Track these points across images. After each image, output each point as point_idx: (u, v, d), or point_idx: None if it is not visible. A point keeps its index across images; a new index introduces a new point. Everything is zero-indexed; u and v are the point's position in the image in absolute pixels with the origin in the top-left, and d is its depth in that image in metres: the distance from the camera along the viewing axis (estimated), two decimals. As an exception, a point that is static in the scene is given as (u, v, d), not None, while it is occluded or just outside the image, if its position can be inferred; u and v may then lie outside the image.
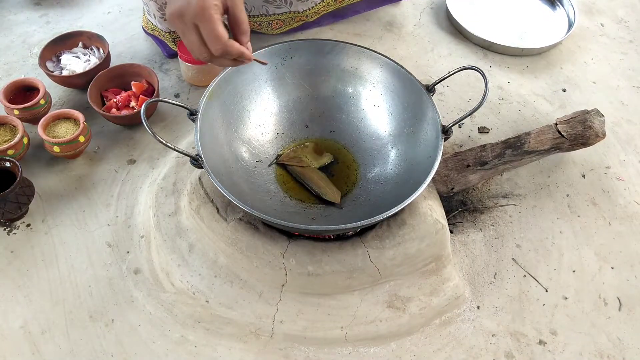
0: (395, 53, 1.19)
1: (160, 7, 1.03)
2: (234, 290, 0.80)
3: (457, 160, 0.92)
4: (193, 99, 1.09)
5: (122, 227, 0.90)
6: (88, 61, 1.08)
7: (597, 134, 0.91)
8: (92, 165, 0.98)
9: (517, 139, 0.93)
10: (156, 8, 1.04)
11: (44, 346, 0.78)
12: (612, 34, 1.28)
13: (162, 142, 0.71)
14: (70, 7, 1.30)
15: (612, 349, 0.80)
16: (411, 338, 0.80)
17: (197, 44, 0.61)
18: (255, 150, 0.89)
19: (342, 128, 0.93)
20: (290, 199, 0.86)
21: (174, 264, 0.82)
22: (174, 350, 0.78)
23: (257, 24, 1.13)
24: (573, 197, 0.97)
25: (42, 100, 0.98)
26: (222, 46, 0.61)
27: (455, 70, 0.80)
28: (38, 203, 0.92)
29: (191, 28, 0.60)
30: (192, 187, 0.85)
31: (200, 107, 0.79)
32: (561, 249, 0.90)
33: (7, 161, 0.86)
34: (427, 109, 0.82)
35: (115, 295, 0.83)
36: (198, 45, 0.61)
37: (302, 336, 0.79)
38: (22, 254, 0.87)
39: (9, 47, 1.20)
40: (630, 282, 0.87)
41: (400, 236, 0.80)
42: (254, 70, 0.88)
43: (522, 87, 1.15)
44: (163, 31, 1.10)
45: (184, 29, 0.61)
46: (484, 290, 0.85)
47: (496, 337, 0.81)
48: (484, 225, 0.93)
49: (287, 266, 0.78)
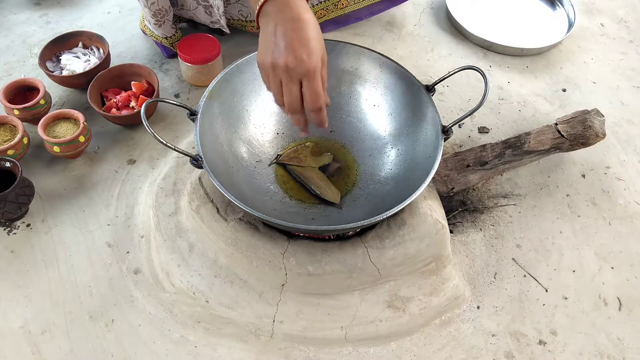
0: (395, 53, 1.19)
1: (154, 13, 1.03)
2: (234, 290, 0.80)
3: (457, 160, 0.92)
4: (193, 99, 1.09)
5: (122, 227, 0.90)
6: (88, 61, 1.08)
7: (597, 134, 0.91)
8: (92, 165, 0.98)
9: (517, 139, 0.93)
10: (150, 15, 1.03)
11: (44, 346, 0.78)
12: (612, 34, 1.28)
13: (162, 142, 0.71)
14: (70, 7, 1.30)
15: (612, 349, 0.80)
16: (411, 338, 0.80)
17: (295, 96, 0.64)
18: (255, 150, 0.89)
19: (342, 128, 0.93)
20: (290, 199, 0.86)
21: (174, 264, 0.82)
22: (174, 350, 0.78)
23: (237, 21, 1.13)
24: (573, 197, 0.97)
25: (42, 100, 0.98)
26: (320, 104, 0.64)
27: (455, 70, 0.80)
28: (38, 203, 0.92)
29: (296, 83, 0.63)
30: (192, 187, 0.85)
31: (200, 107, 0.79)
32: (561, 249, 0.91)
33: (7, 161, 0.86)
34: (427, 109, 0.82)
35: (115, 295, 0.83)
36: (296, 97, 0.65)
37: (302, 336, 0.79)
38: (22, 254, 0.87)
39: (9, 47, 1.20)
40: (630, 282, 0.87)
41: (400, 236, 0.80)
42: (253, 70, 0.88)
43: (522, 87, 1.15)
44: (160, 37, 1.10)
45: (287, 81, 0.64)
46: (484, 290, 0.85)
47: (496, 337, 0.81)
48: (484, 225, 0.93)
49: (287, 266, 0.78)
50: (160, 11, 1.02)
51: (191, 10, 1.08)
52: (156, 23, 1.05)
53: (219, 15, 1.06)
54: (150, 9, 1.01)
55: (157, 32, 1.09)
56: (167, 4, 1.02)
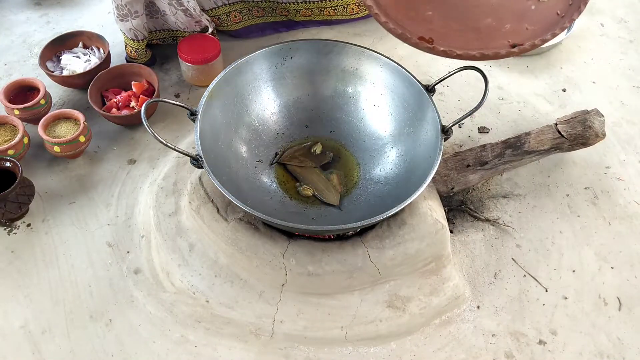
0: (395, 53, 1.19)
1: (117, 6, 0.97)
2: (234, 290, 0.80)
3: (457, 160, 0.92)
4: (193, 99, 1.09)
5: (123, 227, 0.90)
6: (88, 61, 1.08)
7: (597, 134, 0.91)
8: (92, 165, 0.98)
9: (517, 139, 0.93)
10: (115, 5, 0.98)
11: (44, 346, 0.78)
12: (612, 33, 1.28)
13: (163, 142, 0.71)
14: (70, 7, 1.30)
15: (612, 348, 0.80)
16: (411, 338, 0.80)
17: None
18: (256, 150, 0.90)
19: (342, 128, 0.93)
20: (290, 199, 0.86)
21: (174, 263, 0.82)
22: (174, 349, 0.78)
23: (216, 17, 1.12)
24: (573, 197, 0.97)
25: (42, 100, 0.98)
26: None
27: (456, 70, 0.80)
28: (38, 203, 0.92)
29: None
30: (193, 187, 0.85)
31: (200, 107, 0.79)
32: (561, 248, 0.91)
33: (7, 161, 0.86)
34: (427, 109, 0.82)
35: (115, 295, 0.83)
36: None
37: (302, 336, 0.79)
38: (23, 253, 0.87)
39: (10, 47, 1.20)
40: (630, 282, 0.87)
41: (400, 236, 0.80)
42: (254, 70, 0.88)
43: (522, 87, 1.15)
44: (126, 36, 1.05)
45: None
46: (483, 290, 0.85)
47: (496, 337, 0.81)
48: (484, 225, 0.93)
49: (287, 266, 0.78)
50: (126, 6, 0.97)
51: (173, 16, 1.05)
52: (118, 15, 1.00)
53: (199, 13, 1.04)
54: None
55: (120, 26, 1.03)
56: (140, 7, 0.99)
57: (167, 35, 1.13)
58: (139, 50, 1.07)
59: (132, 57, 1.08)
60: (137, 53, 1.07)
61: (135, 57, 1.08)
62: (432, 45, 0.70)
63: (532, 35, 0.70)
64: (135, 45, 1.06)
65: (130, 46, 1.06)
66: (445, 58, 0.70)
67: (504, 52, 0.69)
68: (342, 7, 1.16)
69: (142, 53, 1.08)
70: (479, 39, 0.70)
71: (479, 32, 0.71)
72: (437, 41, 0.70)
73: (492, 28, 0.71)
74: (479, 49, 0.69)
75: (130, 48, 1.07)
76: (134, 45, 1.06)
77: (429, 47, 0.70)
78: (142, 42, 1.06)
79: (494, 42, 0.70)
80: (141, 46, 1.06)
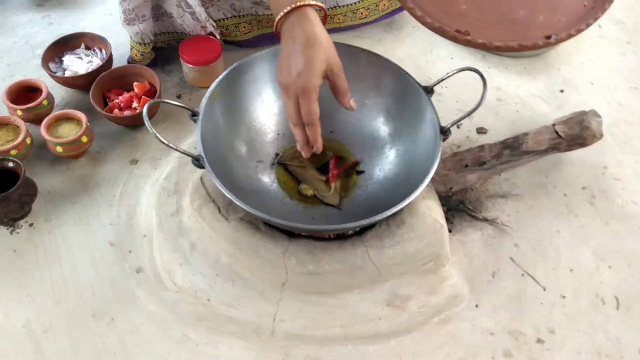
0: (395, 54, 1.20)
1: (124, 10, 0.98)
2: (235, 289, 0.81)
3: (455, 161, 0.93)
4: (195, 99, 1.10)
5: (125, 227, 0.91)
6: (90, 62, 1.08)
7: (595, 135, 0.91)
8: (94, 165, 0.99)
9: (515, 140, 0.93)
10: (122, 10, 0.99)
11: (46, 345, 0.78)
12: (609, 35, 1.29)
13: (164, 142, 0.72)
14: (72, 8, 1.31)
15: (610, 347, 0.81)
16: (410, 336, 0.81)
17: (293, 110, 0.75)
18: (256, 151, 0.90)
19: (342, 128, 0.94)
20: (290, 199, 0.87)
21: (176, 263, 0.83)
22: (175, 348, 0.78)
23: (224, 28, 1.12)
24: (571, 197, 0.98)
25: (44, 100, 0.99)
26: (312, 120, 0.74)
27: (454, 71, 0.81)
28: (41, 203, 0.93)
29: (293, 98, 0.73)
30: (194, 187, 0.85)
31: (201, 107, 0.80)
32: (559, 248, 0.91)
33: (10, 161, 0.87)
34: (426, 110, 0.83)
35: (117, 294, 0.83)
36: (293, 111, 0.75)
37: (303, 334, 0.79)
38: (25, 253, 0.87)
39: (12, 48, 1.21)
40: (628, 281, 0.88)
41: (400, 235, 0.80)
42: (254, 71, 0.89)
43: (520, 88, 1.15)
44: (132, 38, 1.05)
45: (286, 96, 0.75)
46: (482, 289, 0.86)
47: (495, 336, 0.81)
48: (482, 224, 0.93)
49: (288, 265, 0.79)
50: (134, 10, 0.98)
51: (179, 18, 1.05)
52: (125, 20, 1.00)
53: (205, 19, 1.05)
54: (121, 4, 0.98)
55: (127, 30, 1.03)
56: (147, 11, 1.00)
57: (171, 38, 1.14)
58: (145, 53, 1.08)
59: (136, 60, 1.09)
60: (142, 56, 1.08)
61: (140, 60, 1.09)
62: (469, 38, 0.71)
63: (566, 26, 0.71)
64: (141, 48, 1.06)
65: (136, 49, 1.07)
66: (483, 50, 0.71)
67: (541, 42, 0.70)
68: (351, 12, 1.16)
69: (147, 56, 1.09)
70: (515, 31, 0.72)
71: (514, 24, 0.72)
72: (473, 33, 0.71)
73: (527, 19, 0.72)
74: (516, 40, 0.70)
75: (135, 51, 1.07)
76: (140, 48, 1.06)
77: (467, 40, 0.71)
78: (148, 45, 1.06)
79: (528, 33, 0.72)
80: (147, 49, 1.07)
